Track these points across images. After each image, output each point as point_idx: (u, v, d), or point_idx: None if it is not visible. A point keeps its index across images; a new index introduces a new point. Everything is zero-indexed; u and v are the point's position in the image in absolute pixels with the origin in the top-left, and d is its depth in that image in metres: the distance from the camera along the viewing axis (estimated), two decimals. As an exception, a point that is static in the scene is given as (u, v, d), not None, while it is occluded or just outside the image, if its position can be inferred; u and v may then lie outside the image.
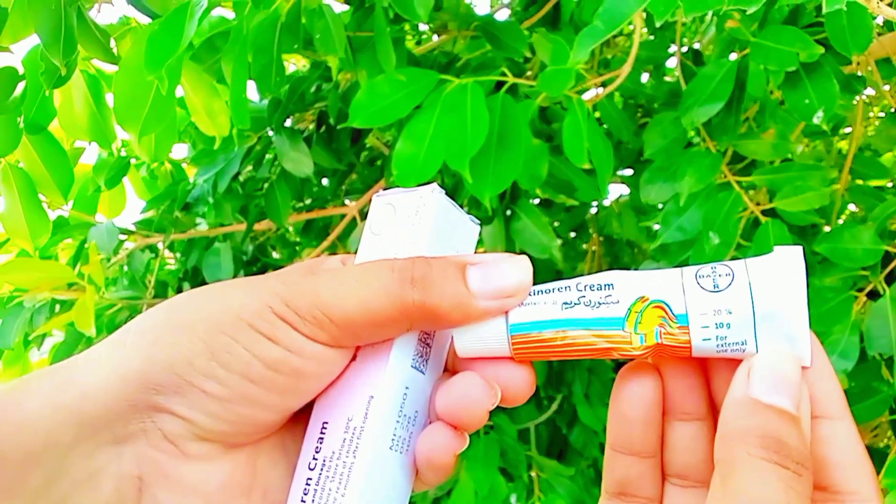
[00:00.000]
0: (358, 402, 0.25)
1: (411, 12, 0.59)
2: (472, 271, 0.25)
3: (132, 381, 0.23)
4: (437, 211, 0.27)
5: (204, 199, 0.89)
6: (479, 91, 0.58)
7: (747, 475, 0.21)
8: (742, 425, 0.22)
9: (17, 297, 0.81)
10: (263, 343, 0.24)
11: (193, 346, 0.23)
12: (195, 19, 0.49)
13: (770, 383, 0.23)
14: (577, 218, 0.98)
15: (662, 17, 0.40)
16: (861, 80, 0.65)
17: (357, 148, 0.92)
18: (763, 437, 0.21)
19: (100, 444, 0.23)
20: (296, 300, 0.24)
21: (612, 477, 0.27)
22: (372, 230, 0.28)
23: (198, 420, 0.24)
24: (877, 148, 0.85)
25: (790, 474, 0.21)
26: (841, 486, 0.23)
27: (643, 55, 0.80)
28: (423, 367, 0.27)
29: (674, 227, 0.67)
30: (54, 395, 0.23)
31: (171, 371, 0.23)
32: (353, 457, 0.25)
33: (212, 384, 0.23)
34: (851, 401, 0.67)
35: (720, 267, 0.24)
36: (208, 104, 0.69)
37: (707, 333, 0.24)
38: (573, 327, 0.25)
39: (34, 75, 0.63)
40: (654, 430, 0.26)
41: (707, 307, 0.24)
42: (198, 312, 0.24)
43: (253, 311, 0.24)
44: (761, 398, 0.22)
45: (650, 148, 0.70)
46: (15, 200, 0.69)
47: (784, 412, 0.22)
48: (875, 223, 0.62)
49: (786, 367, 0.23)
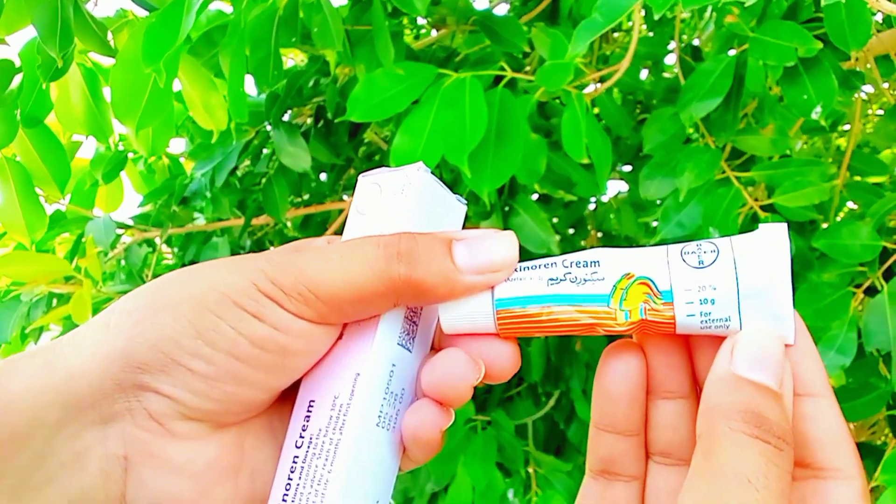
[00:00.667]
0: (344, 380, 0.25)
1: (409, 6, 0.59)
2: (459, 246, 0.25)
3: (117, 361, 0.23)
4: (422, 188, 0.27)
5: (201, 193, 0.88)
6: (477, 85, 0.58)
7: (728, 449, 0.21)
8: (724, 400, 0.22)
9: (15, 291, 0.81)
10: (249, 321, 0.24)
11: (178, 325, 0.23)
12: (192, 12, 0.49)
13: (753, 359, 0.23)
14: (575, 213, 0.98)
15: (661, 10, 0.40)
16: (860, 75, 0.65)
17: (355, 143, 0.92)
18: (744, 412, 0.22)
19: (86, 424, 0.23)
20: (281, 277, 0.24)
21: (595, 455, 0.27)
22: (357, 210, 0.28)
23: (183, 398, 0.24)
24: (875, 145, 0.85)
25: (771, 448, 0.21)
26: (823, 463, 0.23)
27: (642, 51, 0.80)
28: (409, 344, 0.27)
29: (673, 223, 0.67)
30: (40, 376, 0.23)
31: (157, 349, 0.23)
32: (340, 433, 0.25)
33: (198, 362, 0.23)
34: (849, 397, 0.67)
35: (705, 244, 0.24)
36: (206, 98, 0.69)
37: (691, 309, 0.24)
38: (558, 303, 0.25)
39: (31, 68, 0.63)
40: (637, 408, 0.26)
41: (691, 283, 0.24)
42: (183, 291, 0.24)
43: (238, 289, 0.24)
44: (744, 374, 0.22)
45: (649, 143, 0.70)
46: (11, 194, 0.69)
47: (766, 388, 0.22)
48: (873, 219, 0.62)
49: (769, 344, 0.23)
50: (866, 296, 0.64)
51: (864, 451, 0.77)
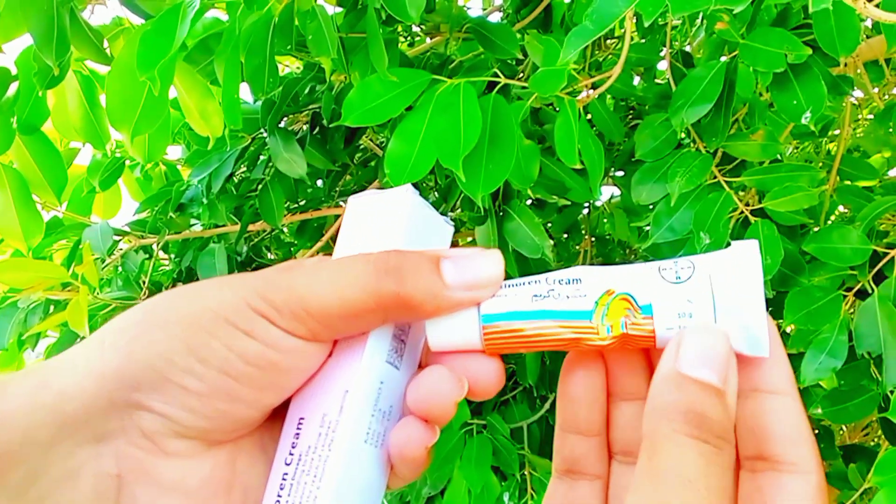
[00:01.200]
0: (333, 397, 0.26)
1: (403, 14, 0.59)
2: (446, 263, 0.26)
3: (110, 379, 0.23)
4: (410, 210, 0.28)
5: (198, 199, 0.89)
6: (471, 92, 0.59)
7: (669, 450, 0.22)
8: (667, 400, 0.23)
9: (12, 298, 0.81)
10: (241, 338, 0.24)
11: (172, 343, 0.24)
12: (187, 20, 0.50)
13: (697, 357, 0.23)
14: (569, 218, 0.98)
15: (651, 18, 0.41)
16: (849, 81, 0.66)
17: (351, 149, 0.92)
18: (686, 413, 0.22)
19: (79, 442, 0.23)
20: (272, 294, 0.24)
21: (560, 455, 0.28)
22: (347, 230, 0.28)
23: (176, 416, 0.24)
24: (865, 149, 0.86)
25: (710, 448, 0.22)
26: (781, 457, 0.23)
27: (634, 57, 0.80)
28: (397, 363, 0.27)
29: (665, 228, 0.68)
30: (32, 395, 0.23)
31: (150, 368, 0.23)
32: (329, 450, 0.25)
33: (190, 380, 0.24)
34: (841, 399, 0.67)
35: (682, 261, 0.25)
36: (202, 105, 0.70)
37: (670, 323, 0.25)
38: (543, 318, 0.25)
39: (27, 76, 0.63)
40: (598, 410, 0.27)
41: (669, 297, 0.25)
42: (175, 311, 0.24)
43: (230, 307, 0.24)
44: (688, 372, 0.23)
45: (641, 149, 0.70)
46: (8, 201, 0.69)
47: (708, 386, 0.23)
48: (863, 223, 0.63)
49: (714, 342, 0.24)
50: (857, 299, 0.64)
51: (856, 453, 0.78)
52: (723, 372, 0.23)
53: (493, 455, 0.80)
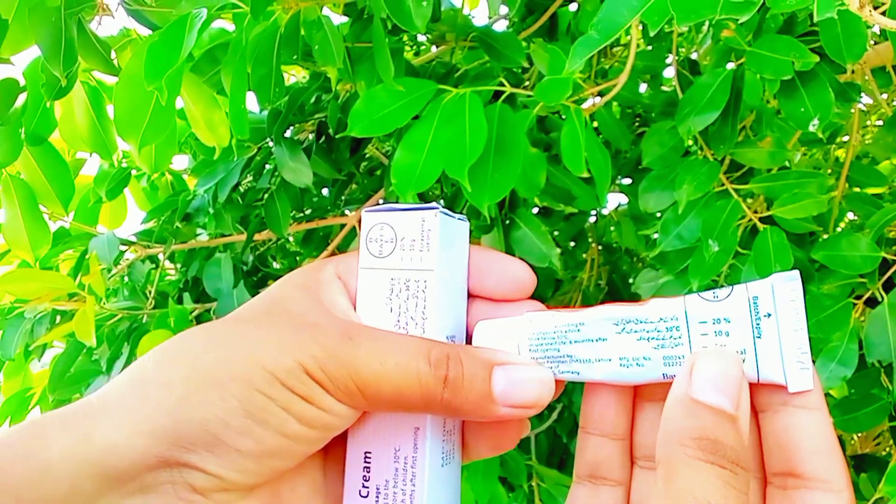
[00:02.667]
0: (403, 434, 0.27)
1: (409, 23, 0.60)
2: (498, 375, 0.26)
3: (161, 439, 0.23)
4: (443, 235, 0.27)
5: (204, 209, 0.89)
6: (477, 101, 0.59)
7: (686, 474, 0.22)
8: (680, 426, 0.23)
9: (18, 308, 0.82)
10: (299, 402, 0.24)
11: (227, 405, 0.23)
12: (195, 31, 0.50)
13: (710, 382, 0.23)
14: (576, 226, 0.98)
15: (656, 27, 0.41)
16: (857, 88, 0.66)
17: (356, 158, 0.92)
18: (700, 439, 0.22)
19: (125, 494, 0.23)
20: (332, 368, 0.24)
21: (582, 459, 0.28)
22: (371, 251, 0.28)
23: (229, 476, 0.24)
24: (874, 156, 0.85)
25: (727, 473, 0.22)
26: (813, 474, 0.23)
27: (640, 65, 0.80)
28: None
29: (673, 236, 0.68)
30: (76, 448, 0.23)
31: (205, 430, 0.23)
32: (413, 484, 0.26)
33: (247, 442, 0.24)
34: (851, 408, 0.67)
35: (720, 288, 0.25)
36: (208, 115, 0.70)
37: (705, 341, 0.24)
38: None
39: (35, 87, 0.64)
40: (623, 412, 0.27)
41: (706, 315, 0.24)
42: (226, 367, 0.24)
43: (287, 371, 0.24)
44: (700, 398, 0.23)
45: (648, 157, 0.70)
46: (16, 211, 0.69)
47: (722, 412, 0.23)
48: (872, 230, 0.62)
49: (727, 366, 0.23)
50: (867, 307, 0.64)
51: (867, 463, 0.77)
52: (735, 397, 0.23)
53: (500, 465, 0.80)
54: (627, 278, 1.01)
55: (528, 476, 0.84)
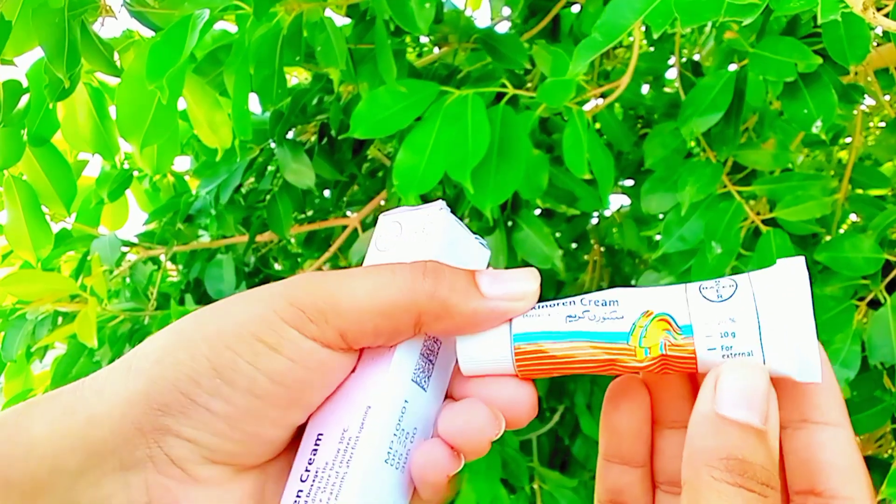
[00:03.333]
0: (355, 412, 0.25)
1: (412, 25, 0.60)
2: (483, 276, 0.25)
3: (137, 404, 0.23)
4: (444, 228, 0.27)
5: (206, 210, 0.89)
6: (479, 102, 0.59)
7: (713, 500, 0.21)
8: (706, 445, 0.22)
9: (20, 310, 0.82)
10: (267, 355, 0.23)
11: (197, 364, 0.23)
12: (197, 31, 0.50)
13: (736, 397, 0.22)
14: (578, 228, 0.98)
15: (660, 29, 0.41)
16: (860, 89, 0.66)
17: (359, 159, 0.92)
18: (727, 460, 0.21)
19: (106, 471, 0.23)
20: (301, 297, 0.24)
21: (604, 486, 0.27)
22: (378, 247, 0.28)
23: (204, 441, 0.24)
24: (877, 157, 0.85)
25: (755, 497, 0.21)
26: (837, 491, 0.23)
27: (643, 66, 0.80)
28: (424, 383, 0.26)
29: (675, 237, 0.68)
30: (60, 421, 0.23)
31: (176, 390, 0.23)
32: (347, 467, 0.24)
33: (217, 402, 0.23)
34: (853, 410, 0.67)
35: (724, 280, 0.24)
36: (211, 116, 0.70)
37: (712, 343, 0.23)
38: (576, 339, 0.25)
39: (38, 88, 0.64)
40: (643, 440, 0.27)
41: (711, 317, 0.24)
42: (201, 329, 0.24)
43: (258, 319, 0.24)
44: (726, 414, 0.22)
45: (650, 158, 0.70)
46: (18, 212, 0.69)
47: (750, 428, 0.22)
48: (875, 232, 0.62)
49: (753, 379, 0.22)
50: (870, 308, 0.64)
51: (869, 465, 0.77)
52: (763, 411, 0.22)
53: (502, 467, 0.79)
54: (630, 280, 1.01)
55: (530, 478, 0.84)
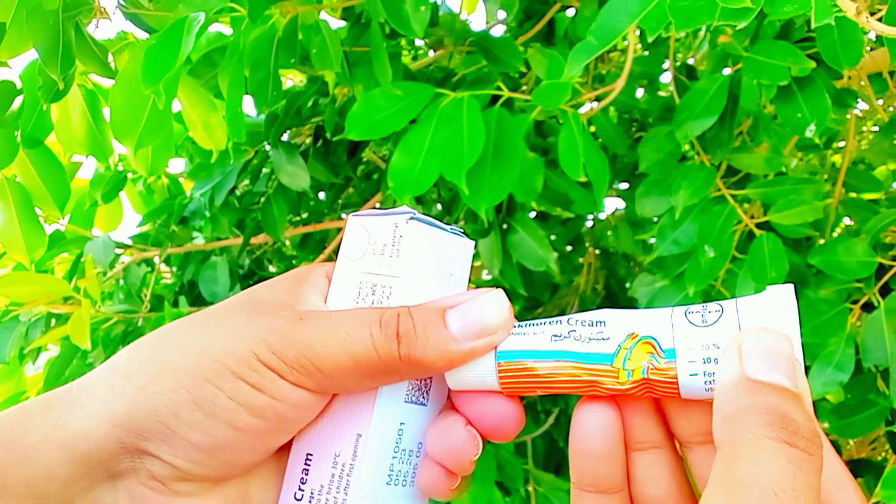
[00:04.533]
0: (345, 439, 0.25)
1: (407, 28, 0.60)
2: (452, 315, 0.25)
3: (120, 425, 0.24)
4: (416, 242, 0.26)
5: (200, 212, 0.89)
6: (474, 105, 0.59)
7: (752, 457, 0.19)
8: (743, 405, 0.20)
9: (13, 311, 0.81)
10: (248, 392, 0.24)
11: (178, 396, 0.24)
12: (192, 34, 0.50)
13: (765, 360, 0.21)
14: (572, 231, 0.98)
15: (654, 33, 0.41)
16: (853, 94, 0.66)
17: (354, 162, 0.92)
18: (768, 415, 0.19)
19: (95, 479, 0.24)
20: (283, 349, 0.24)
21: None
22: (347, 255, 0.27)
23: (183, 466, 0.24)
24: (870, 161, 0.86)
25: (799, 453, 0.19)
26: (829, 501, 0.22)
27: (637, 70, 0.80)
28: (422, 399, 0.26)
29: (669, 241, 0.68)
30: (52, 432, 0.24)
31: (157, 420, 0.24)
32: (345, 494, 0.25)
33: (196, 433, 0.24)
34: (848, 413, 0.67)
35: (710, 305, 0.24)
36: (205, 119, 0.70)
37: (694, 368, 0.23)
38: (561, 358, 0.24)
39: (32, 89, 0.63)
40: (619, 462, 0.25)
41: (694, 341, 0.23)
42: (182, 357, 0.24)
43: (238, 359, 0.24)
44: (758, 377, 0.21)
45: (645, 161, 0.70)
46: (11, 214, 0.69)
47: (785, 389, 0.20)
48: (869, 235, 0.62)
49: (778, 343, 0.21)
50: (863, 312, 0.64)
51: (863, 468, 0.77)
52: (793, 375, 0.21)
53: (497, 470, 0.79)
54: (624, 283, 1.01)
55: (525, 480, 0.84)
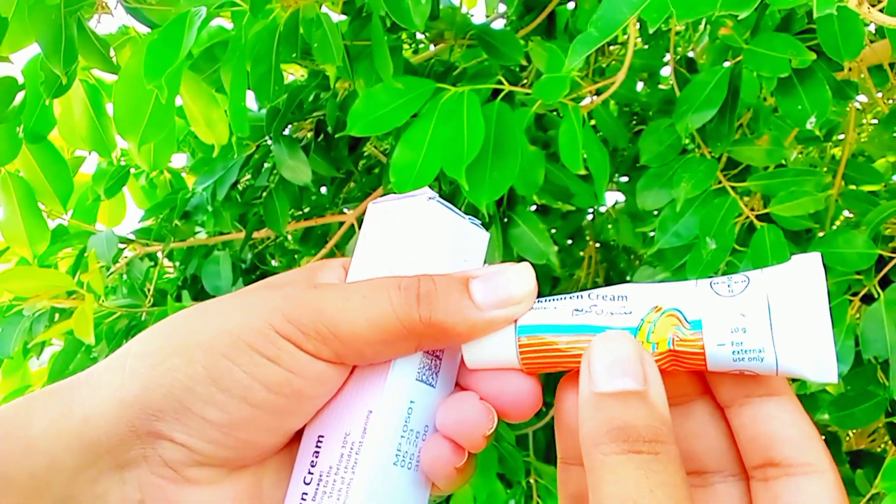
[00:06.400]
0: (356, 417, 0.25)
1: (408, 21, 0.60)
2: (475, 284, 0.25)
3: (131, 406, 0.23)
4: (436, 222, 0.26)
5: (203, 207, 0.89)
6: (475, 99, 0.59)
7: (606, 478, 0.20)
8: (591, 426, 0.21)
9: (17, 306, 0.81)
10: (264, 365, 0.23)
11: (193, 371, 0.23)
12: (194, 29, 0.50)
13: (607, 368, 0.22)
14: (573, 224, 0.98)
15: (655, 24, 0.41)
16: (853, 86, 0.66)
17: (355, 156, 0.93)
18: (609, 431, 0.21)
19: (102, 469, 0.23)
20: (299, 316, 0.24)
21: (566, 492, 0.26)
22: (367, 238, 0.27)
23: (198, 447, 0.24)
24: (870, 154, 0.86)
25: (645, 457, 0.20)
26: (794, 459, 0.22)
27: (638, 63, 0.80)
28: (432, 380, 0.26)
29: (670, 233, 0.68)
30: (58, 420, 0.23)
31: (171, 397, 0.23)
32: (352, 473, 0.24)
33: (212, 410, 0.23)
34: (848, 405, 0.67)
35: (735, 275, 0.24)
36: (207, 113, 0.70)
37: (721, 338, 0.22)
38: (583, 332, 0.24)
39: (34, 85, 0.64)
40: None
41: (720, 311, 0.23)
42: (196, 335, 0.24)
43: (254, 331, 0.23)
44: (602, 388, 0.22)
45: (646, 154, 0.70)
46: (14, 209, 0.69)
47: (626, 394, 0.21)
48: (868, 228, 0.63)
49: (620, 346, 0.22)
50: (863, 304, 0.64)
51: (863, 459, 0.78)
52: (638, 372, 0.22)
53: (498, 462, 0.80)
54: (625, 276, 1.01)
55: (526, 472, 0.84)
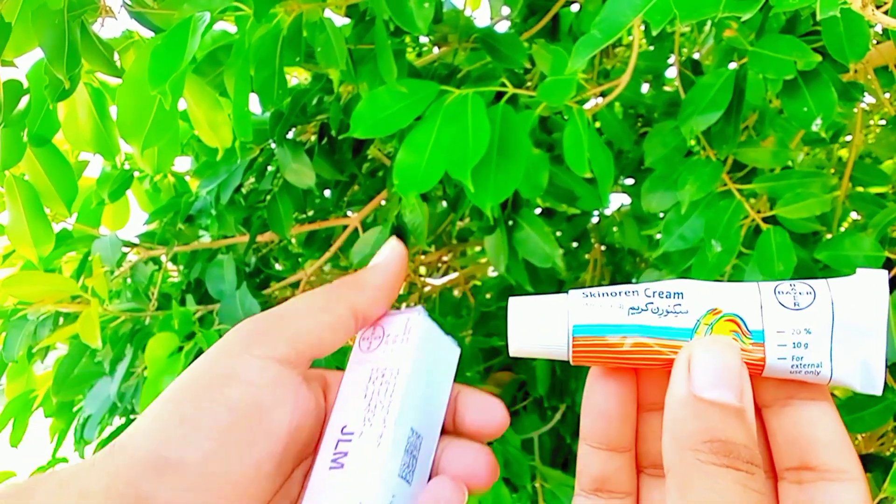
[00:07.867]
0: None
1: (411, 25, 0.60)
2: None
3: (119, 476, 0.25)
4: (423, 327, 0.30)
5: (207, 211, 0.89)
6: (479, 102, 0.59)
7: (703, 483, 0.21)
8: (687, 429, 0.22)
9: (21, 310, 0.82)
10: (223, 385, 0.26)
11: (166, 422, 0.25)
12: (198, 34, 0.50)
13: (711, 376, 0.22)
14: (578, 227, 0.98)
15: (659, 26, 0.41)
16: (859, 87, 0.66)
17: (359, 159, 0.92)
18: (711, 442, 0.21)
19: None
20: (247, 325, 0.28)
21: (588, 473, 0.27)
22: (361, 348, 0.31)
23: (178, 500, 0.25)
24: (877, 155, 0.85)
25: (743, 475, 0.21)
26: (830, 465, 0.23)
27: (642, 65, 0.80)
28: (409, 477, 0.28)
29: (675, 236, 0.68)
30: (56, 493, 0.25)
31: (150, 452, 0.25)
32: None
33: (187, 450, 0.25)
34: (856, 408, 0.67)
35: (800, 285, 0.24)
36: (211, 117, 0.70)
37: (783, 352, 0.23)
38: (639, 334, 0.24)
39: (38, 89, 0.64)
40: (630, 424, 0.26)
41: (786, 325, 0.23)
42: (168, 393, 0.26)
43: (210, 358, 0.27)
44: (703, 394, 0.22)
45: (650, 157, 0.70)
46: (19, 212, 0.69)
47: (728, 407, 0.22)
48: (875, 230, 0.62)
49: (726, 356, 0.22)
50: (871, 306, 0.64)
51: (872, 463, 0.77)
52: (738, 387, 0.22)
53: (504, 466, 0.79)
54: (630, 279, 1.01)
55: (532, 477, 0.84)
